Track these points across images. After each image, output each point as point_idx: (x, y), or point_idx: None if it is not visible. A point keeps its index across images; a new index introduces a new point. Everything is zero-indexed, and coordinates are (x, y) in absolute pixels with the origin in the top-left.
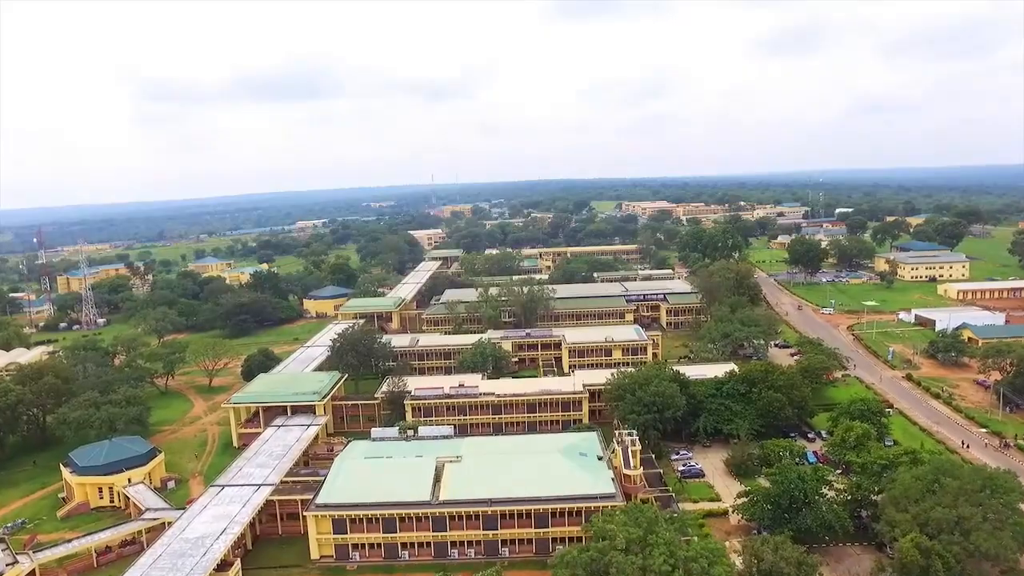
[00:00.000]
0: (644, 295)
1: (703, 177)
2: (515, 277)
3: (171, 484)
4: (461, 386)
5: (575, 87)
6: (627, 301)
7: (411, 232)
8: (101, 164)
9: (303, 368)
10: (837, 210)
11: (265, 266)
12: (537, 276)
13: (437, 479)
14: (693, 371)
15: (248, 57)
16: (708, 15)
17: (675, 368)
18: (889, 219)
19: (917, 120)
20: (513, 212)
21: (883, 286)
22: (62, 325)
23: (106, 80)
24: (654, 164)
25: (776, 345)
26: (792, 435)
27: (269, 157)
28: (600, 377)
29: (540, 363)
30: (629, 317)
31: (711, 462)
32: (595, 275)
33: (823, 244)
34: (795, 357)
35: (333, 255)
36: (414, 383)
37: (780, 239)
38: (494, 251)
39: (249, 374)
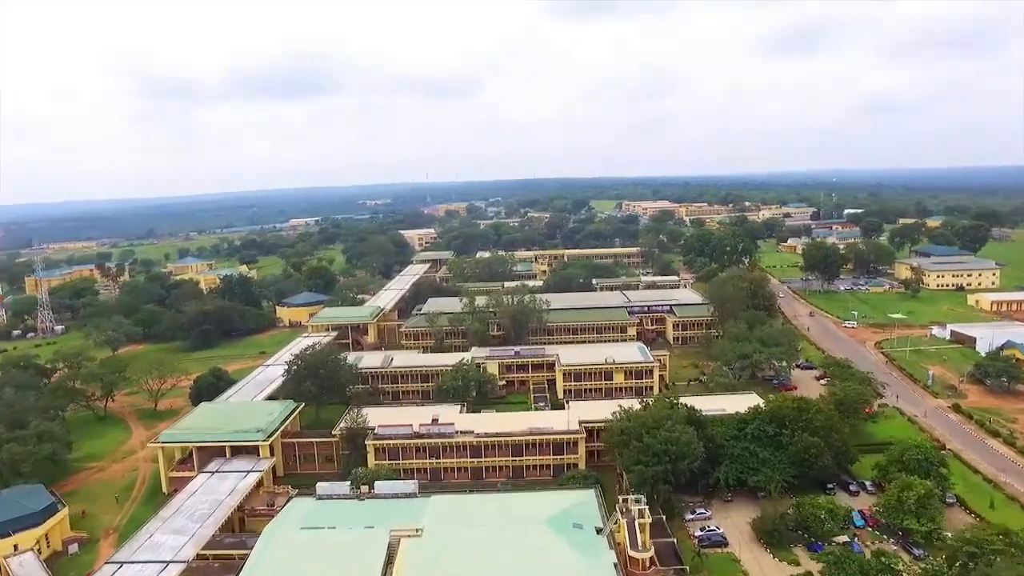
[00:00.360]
0: (648, 306)
1: (704, 177)
2: (507, 284)
3: (74, 548)
4: (434, 422)
5: (576, 85)
6: (629, 313)
7: (402, 232)
8: (98, 160)
9: (258, 393)
10: (846, 211)
11: (244, 268)
12: (531, 283)
13: (390, 561)
14: (708, 404)
15: (248, 55)
16: (711, 14)
17: (688, 403)
18: (904, 221)
19: (918, 120)
20: (510, 211)
21: (907, 295)
22: (15, 332)
23: (104, 76)
24: (655, 163)
25: (799, 366)
26: (830, 487)
27: (268, 154)
28: (600, 411)
29: (531, 388)
30: (632, 331)
31: (735, 524)
32: (594, 282)
33: (840, 249)
34: (822, 381)
35: (318, 256)
36: (380, 416)
37: (790, 242)
38: (486, 254)
39: (198, 398)
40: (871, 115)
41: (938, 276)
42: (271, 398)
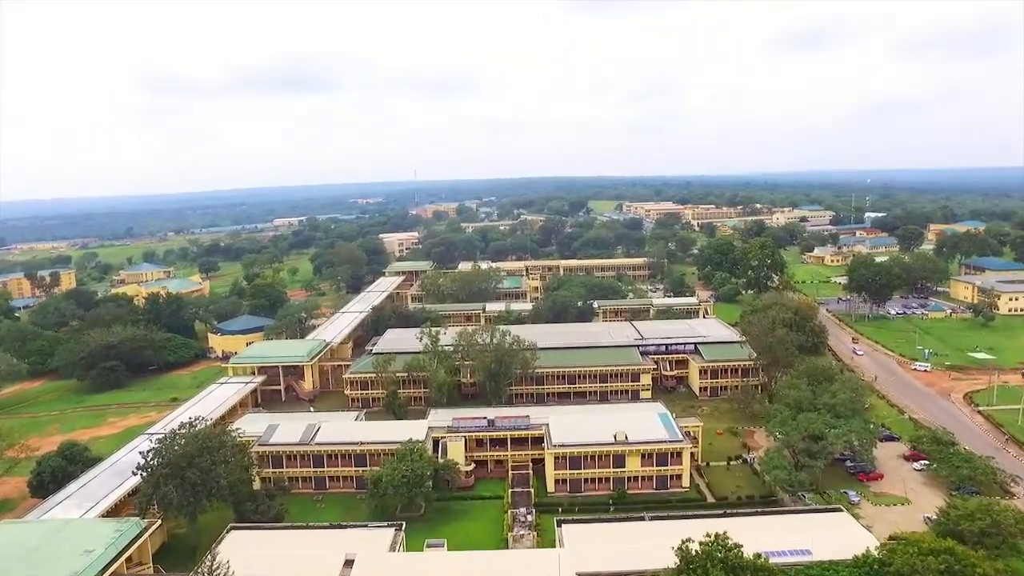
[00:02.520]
0: (667, 345)
1: (706, 176)
2: (488, 307)
3: None
4: (347, 566)
5: (577, 83)
6: (642, 353)
7: (383, 236)
8: (95, 157)
9: (109, 492)
10: (867, 214)
11: (197, 278)
12: (517, 306)
13: None
14: (778, 535)
15: (247, 51)
16: (712, 15)
17: (754, 551)
18: (936, 227)
19: (918, 121)
20: (503, 212)
21: (977, 323)
22: None
23: (101, 72)
24: (655, 162)
25: (880, 438)
26: None
27: (265, 151)
28: (611, 544)
29: (509, 473)
30: (646, 379)
31: None
32: (595, 305)
33: (892, 267)
34: (916, 466)
35: (276, 267)
36: (263, 550)
37: (816, 251)
38: (470, 264)
39: (40, 487)
40: (873, 116)
41: (1011, 298)
42: (134, 493)
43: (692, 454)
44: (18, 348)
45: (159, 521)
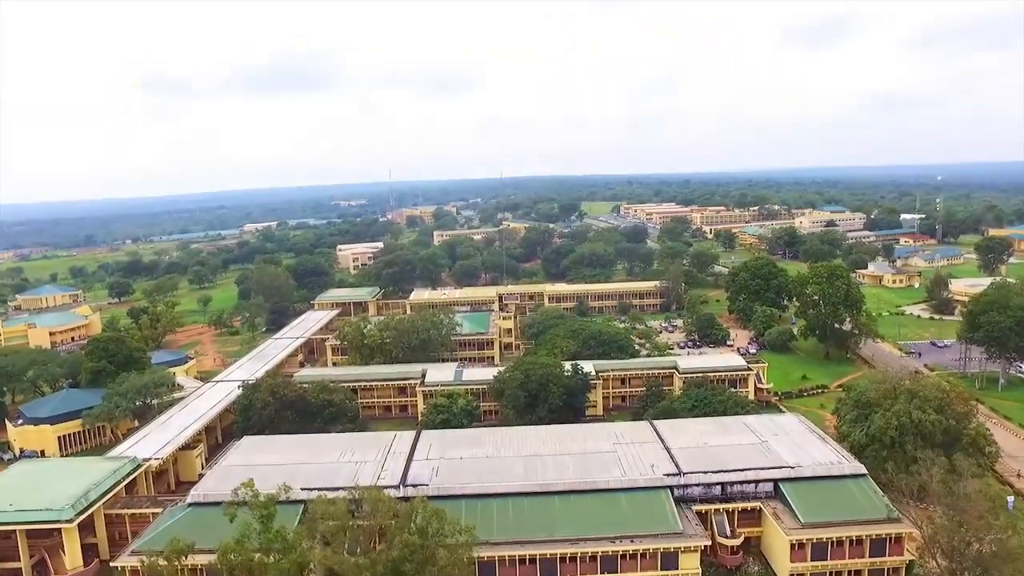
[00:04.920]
0: (723, 482)
1: (705, 173)
2: (430, 374)
3: None
4: None
5: (575, 83)
6: (679, 501)
7: (341, 248)
8: (84, 158)
9: None
10: (903, 216)
11: (85, 309)
12: (471, 379)
13: None
14: None
15: (246, 51)
16: (713, 14)
17: None
18: (994, 232)
19: (919, 117)
20: (486, 216)
21: None
22: None
23: (87, 71)
24: (650, 160)
25: None
26: None
27: (262, 153)
28: None
29: None
30: (691, 562)
31: None
32: (591, 372)
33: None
34: None
35: (167, 300)
36: None
37: (871, 269)
38: (427, 291)
39: None
40: (874, 112)
41: None
42: None
43: None
44: None
45: None
